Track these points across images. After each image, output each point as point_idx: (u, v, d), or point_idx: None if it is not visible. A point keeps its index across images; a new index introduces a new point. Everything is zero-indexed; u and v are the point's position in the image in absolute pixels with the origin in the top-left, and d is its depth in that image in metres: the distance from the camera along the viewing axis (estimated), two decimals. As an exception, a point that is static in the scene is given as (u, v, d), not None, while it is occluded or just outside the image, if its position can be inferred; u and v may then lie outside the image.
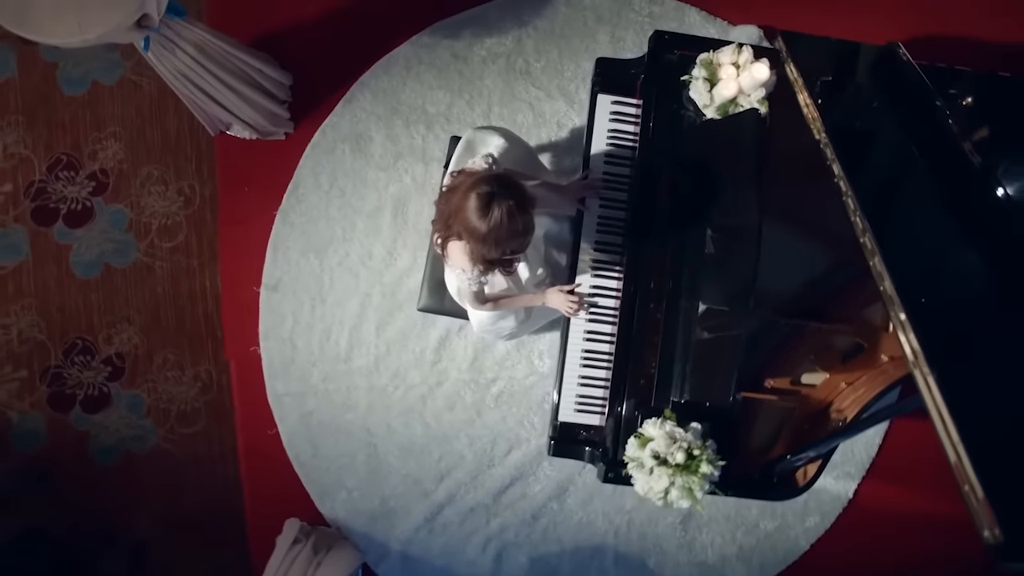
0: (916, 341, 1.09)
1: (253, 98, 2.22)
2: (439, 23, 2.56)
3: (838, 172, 1.37)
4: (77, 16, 1.42)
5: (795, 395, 1.65)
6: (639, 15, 2.52)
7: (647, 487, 1.39)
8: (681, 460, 1.35)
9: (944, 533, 2.37)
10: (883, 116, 1.68)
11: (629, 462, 1.44)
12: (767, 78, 1.60)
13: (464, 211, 1.29)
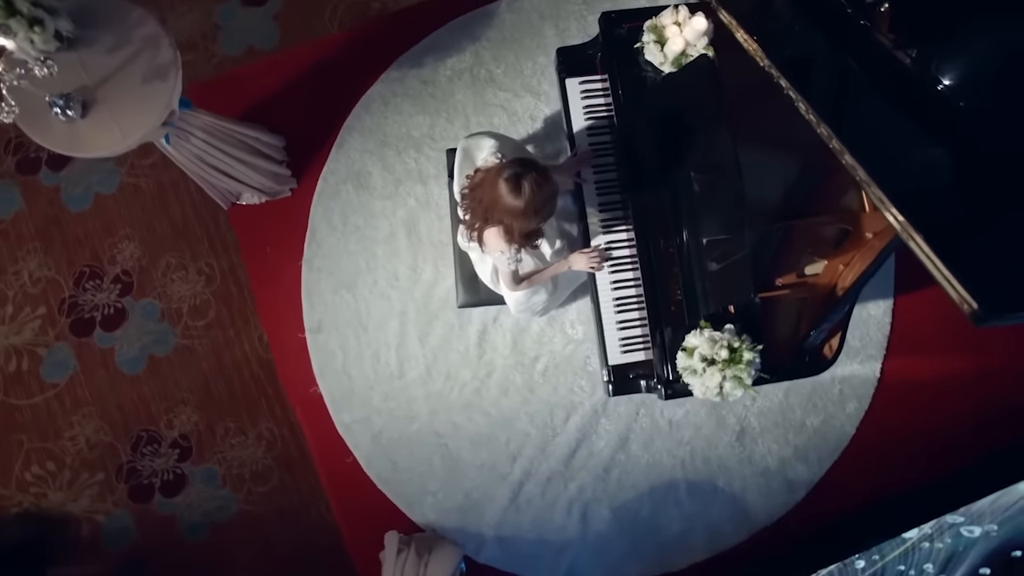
0: (900, 214, 1.28)
1: (257, 163, 2.43)
2: (402, 57, 2.81)
3: (789, 89, 1.61)
4: (119, 127, 1.63)
5: (804, 286, 1.88)
6: (576, 5, 2.79)
7: (703, 388, 1.60)
8: (726, 355, 1.57)
9: (967, 387, 2.61)
10: (814, 36, 1.93)
11: (683, 372, 1.66)
12: (706, 27, 1.85)
13: (500, 198, 1.51)
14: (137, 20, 1.67)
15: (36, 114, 1.61)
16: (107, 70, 1.64)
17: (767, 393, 2.59)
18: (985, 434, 2.58)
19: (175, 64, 1.68)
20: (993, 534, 2.01)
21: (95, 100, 1.64)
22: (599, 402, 2.57)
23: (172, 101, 1.68)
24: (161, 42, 1.67)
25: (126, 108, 1.66)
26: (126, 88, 1.65)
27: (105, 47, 1.65)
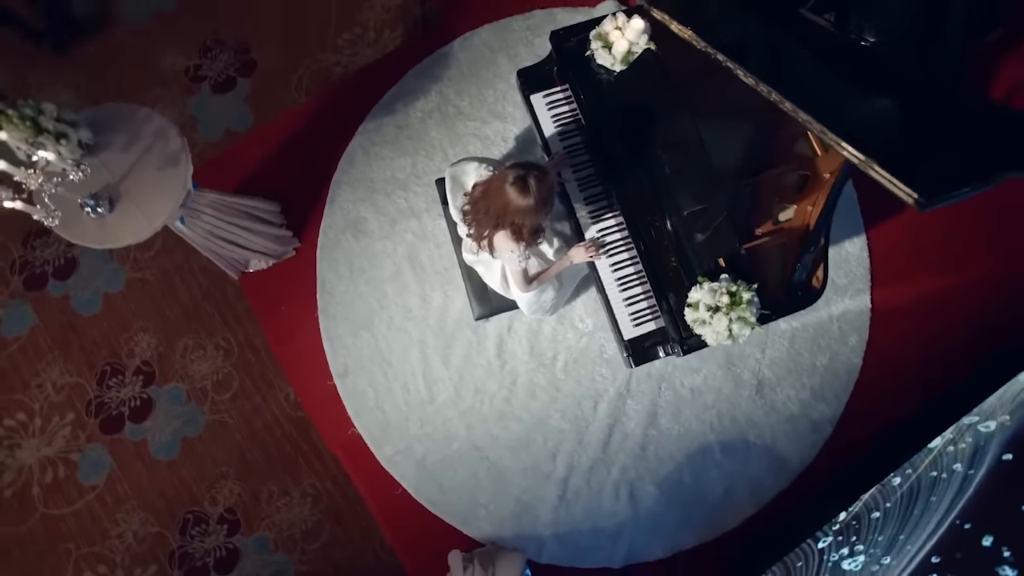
0: (854, 150, 1.47)
1: (260, 229, 2.59)
2: (373, 109, 3.03)
3: (728, 62, 1.83)
4: (144, 215, 1.79)
5: (781, 232, 2.07)
6: (521, 32, 3.06)
7: (715, 334, 1.77)
8: (727, 300, 1.74)
9: (955, 299, 2.80)
10: (742, 16, 2.17)
11: (693, 325, 1.82)
12: (644, 26, 2.09)
13: (510, 200, 1.69)
14: (144, 118, 1.85)
15: (69, 218, 1.76)
16: (126, 166, 1.81)
17: (774, 343, 2.76)
18: (981, 338, 2.76)
19: (184, 150, 1.86)
20: (1007, 423, 2.16)
21: (119, 195, 1.81)
22: (622, 385, 2.70)
23: (187, 183, 1.85)
24: (169, 133, 1.85)
25: (148, 196, 1.82)
26: (145, 179, 1.82)
27: (120, 146, 1.82)
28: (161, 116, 1.86)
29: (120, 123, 1.84)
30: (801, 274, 1.91)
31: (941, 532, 1.94)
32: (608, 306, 2.21)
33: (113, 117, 1.84)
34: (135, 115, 1.85)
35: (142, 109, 1.86)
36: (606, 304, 2.21)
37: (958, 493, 2.03)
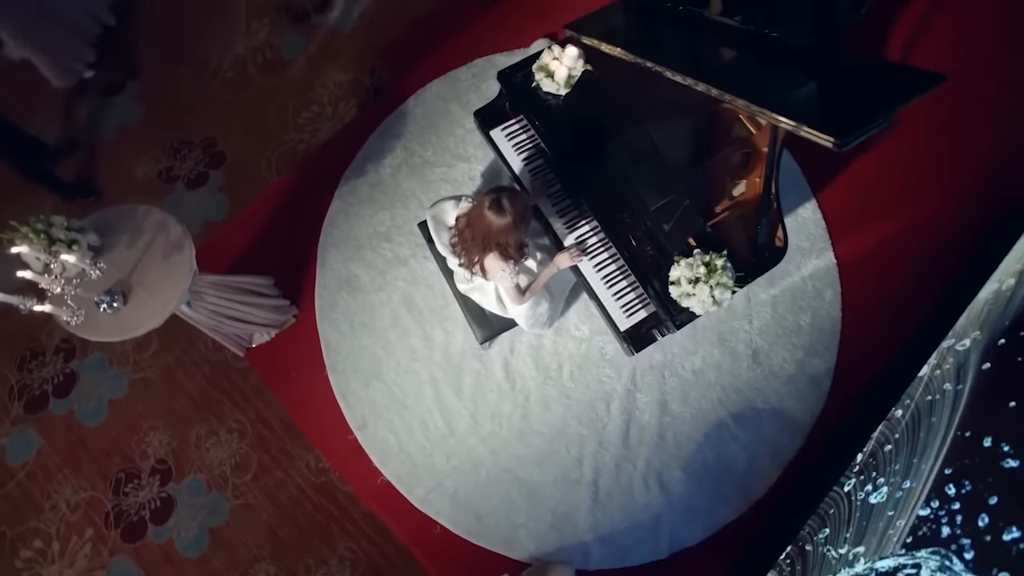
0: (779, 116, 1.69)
1: (259, 302, 2.71)
2: (345, 173, 3.23)
3: (659, 68, 2.08)
4: (157, 301, 1.90)
5: (738, 205, 2.29)
6: (467, 81, 3.34)
7: (701, 303, 1.94)
8: (704, 270, 1.92)
9: (910, 238, 3.03)
10: (661, 29, 2.46)
11: (680, 299, 1.99)
12: (578, 52, 2.35)
13: (491, 223, 1.85)
14: (143, 214, 1.99)
15: (87, 318, 1.86)
16: (133, 260, 1.93)
17: (759, 313, 2.93)
18: (938, 263, 2.97)
19: (186, 235, 1.99)
20: (979, 338, 2.35)
21: (131, 287, 1.92)
22: (628, 381, 2.83)
23: (193, 264, 1.98)
24: (169, 223, 1.99)
25: (159, 283, 1.93)
26: (153, 268, 1.94)
27: (125, 244, 1.95)
28: (159, 209, 2.00)
29: (121, 223, 1.97)
30: (763, 237, 2.11)
31: (947, 446, 2.08)
32: (600, 304, 2.37)
33: (114, 219, 1.98)
34: (135, 213, 1.99)
35: (140, 207, 2.00)
36: (597, 303, 2.37)
37: (953, 409, 2.19)
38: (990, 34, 3.38)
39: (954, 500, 1.87)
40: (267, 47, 3.80)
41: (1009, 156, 3.15)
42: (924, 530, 1.90)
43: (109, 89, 3.76)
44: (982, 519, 1.72)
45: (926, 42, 3.40)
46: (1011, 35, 3.37)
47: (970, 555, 1.67)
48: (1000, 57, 3.34)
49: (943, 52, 3.34)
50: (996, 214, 3.00)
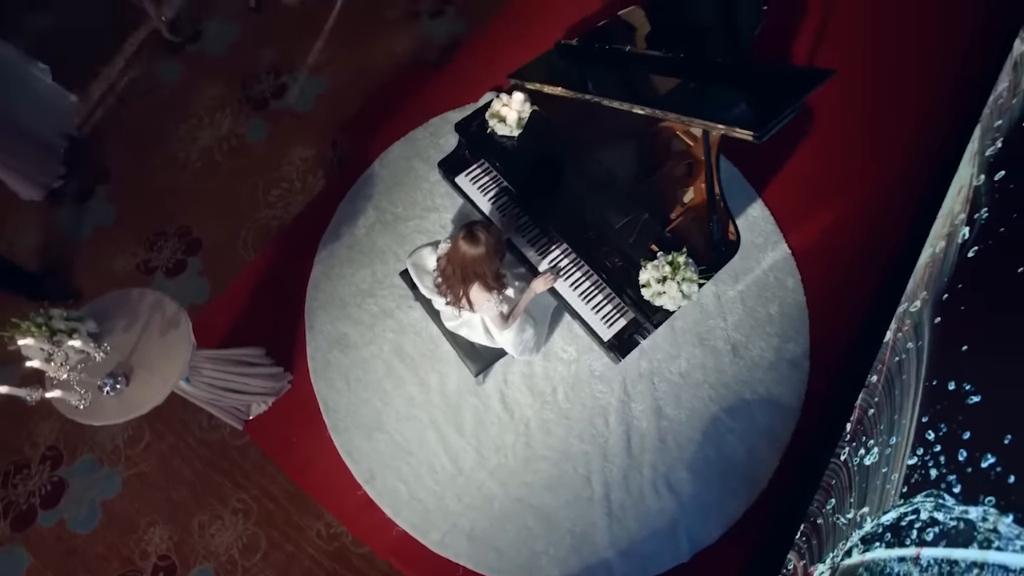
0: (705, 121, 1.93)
1: (254, 372, 2.77)
2: (322, 239, 3.37)
3: (598, 100, 2.32)
4: (159, 378, 1.96)
5: (690, 210, 2.50)
6: (425, 139, 3.59)
7: (672, 300, 2.11)
8: (669, 269, 2.10)
9: (848, 215, 3.30)
10: (591, 66, 2.74)
11: (653, 299, 2.15)
12: (524, 97, 2.61)
13: (467, 255, 2.00)
14: (138, 297, 2.08)
15: (90, 407, 1.90)
16: (132, 342, 2.00)
17: (731, 309, 3.11)
18: (882, 235, 3.23)
19: (181, 312, 2.08)
20: (927, 297, 2.56)
21: (132, 368, 1.98)
22: (621, 393, 2.94)
23: (191, 338, 2.06)
24: (164, 302, 2.08)
25: (159, 361, 2.00)
26: (152, 347, 2.01)
27: (123, 327, 2.03)
28: (152, 290, 2.09)
29: (118, 308, 2.05)
30: (717, 233, 2.31)
31: (919, 398, 2.23)
32: (581, 321, 2.51)
33: (110, 305, 2.06)
34: (129, 297, 2.08)
35: (134, 290, 2.09)
36: (579, 320, 2.51)
37: (918, 364, 2.36)
38: (888, 34, 3.84)
39: (934, 444, 2.01)
40: (232, 135, 4.00)
41: (923, 135, 3.51)
42: (915, 477, 2.02)
43: (81, 195, 3.88)
44: (960, 454, 1.85)
45: (829, 45, 3.82)
46: (909, 33, 3.83)
47: (958, 488, 1.79)
48: (900, 53, 3.77)
49: (844, 51, 3.76)
50: (922, 185, 3.31)
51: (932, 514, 1.87)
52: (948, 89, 3.63)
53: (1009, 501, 1.59)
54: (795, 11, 4.02)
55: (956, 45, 3.76)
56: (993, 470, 1.71)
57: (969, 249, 2.47)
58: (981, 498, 1.69)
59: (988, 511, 1.65)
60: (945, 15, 3.89)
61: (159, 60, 4.31)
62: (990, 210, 2.48)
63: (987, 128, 2.95)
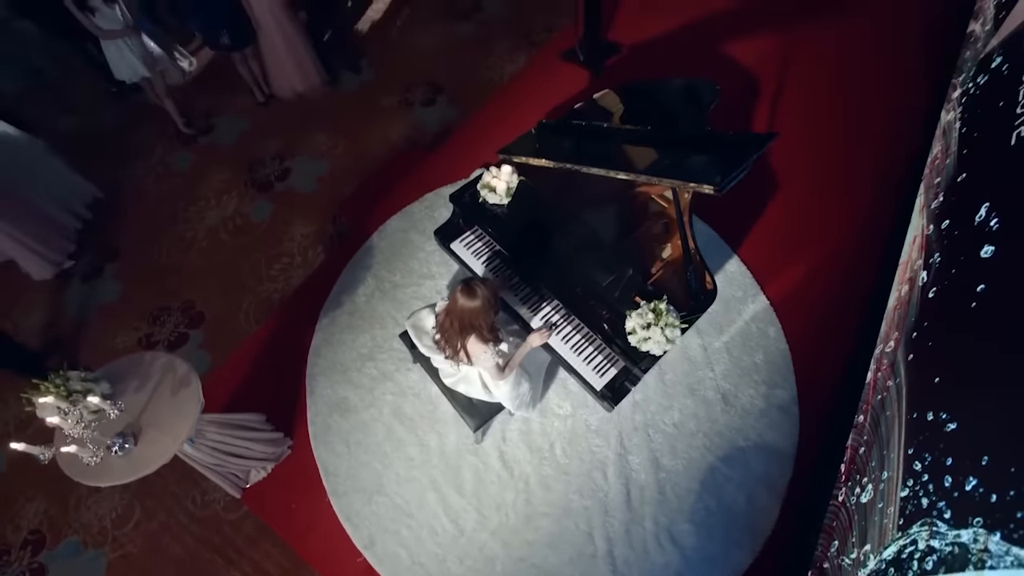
0: (673, 180, 2.17)
1: (256, 436, 2.80)
2: (323, 307, 3.51)
3: (579, 168, 2.59)
4: (168, 436, 2.02)
5: (669, 264, 2.70)
6: (421, 212, 3.85)
7: (657, 344, 2.24)
8: (652, 316, 2.25)
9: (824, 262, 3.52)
10: (571, 139, 3.04)
11: (639, 346, 2.28)
12: (511, 169, 2.88)
13: (465, 308, 2.14)
14: (150, 359, 2.18)
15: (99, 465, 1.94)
16: (143, 401, 2.07)
17: (718, 359, 3.24)
18: (855, 280, 3.43)
19: (192, 372, 2.17)
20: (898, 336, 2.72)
21: (141, 428, 2.04)
22: (617, 446, 2.98)
23: (200, 397, 2.13)
24: (175, 363, 2.18)
25: (168, 420, 2.06)
26: (162, 406, 2.08)
27: (134, 388, 2.10)
28: (165, 353, 2.19)
29: (130, 371, 2.14)
30: (695, 283, 2.49)
31: (904, 431, 2.32)
32: (574, 373, 2.62)
33: (124, 367, 2.15)
34: (142, 360, 2.17)
35: (147, 353, 2.19)
36: (572, 372, 2.62)
37: (899, 399, 2.47)
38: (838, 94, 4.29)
39: (922, 474, 2.08)
40: (237, 215, 4.26)
41: (878, 192, 3.83)
42: (909, 508, 2.07)
43: (89, 274, 4.04)
44: (946, 481, 1.92)
45: (791, 111, 4.25)
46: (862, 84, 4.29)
47: (948, 514, 1.85)
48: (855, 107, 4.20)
49: (807, 117, 4.18)
50: (883, 236, 3.57)
51: (929, 542, 1.91)
52: (894, 153, 4.02)
53: (995, 519, 1.66)
54: (762, 81, 4.51)
55: (896, 116, 4.21)
56: (976, 492, 1.78)
57: (929, 291, 2.66)
58: (970, 520, 1.75)
59: (978, 532, 1.71)
60: (882, 95, 4.38)
61: (173, 151, 4.66)
62: (941, 255, 2.70)
63: (929, 185, 3.27)
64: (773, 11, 5.08)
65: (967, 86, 3.41)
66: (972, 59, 3.61)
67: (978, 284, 2.25)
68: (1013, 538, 1.57)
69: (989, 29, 3.53)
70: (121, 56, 4.02)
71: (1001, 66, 3.04)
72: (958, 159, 3.05)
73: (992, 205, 2.44)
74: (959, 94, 3.51)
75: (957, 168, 3.00)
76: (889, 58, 4.62)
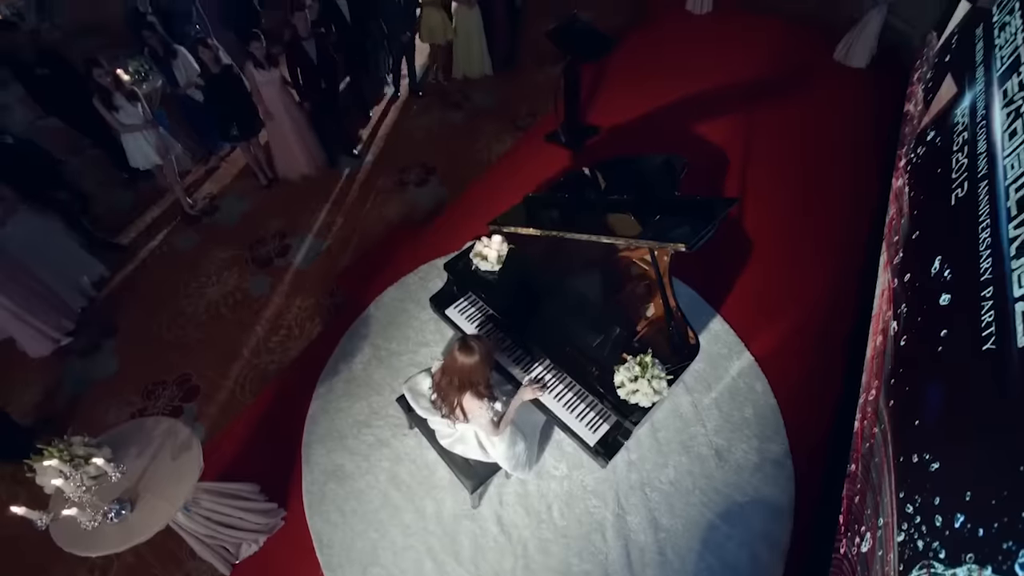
0: (648, 242, 2.38)
1: (249, 507, 2.76)
2: (321, 375, 3.57)
3: (565, 235, 2.79)
4: (165, 501, 2.02)
5: (652, 322, 2.85)
6: (416, 283, 4.01)
7: (645, 396, 2.33)
8: (639, 369, 2.36)
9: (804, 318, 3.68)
10: (557, 209, 3.28)
11: (628, 399, 2.37)
12: (501, 238, 3.09)
13: (463, 365, 2.24)
14: (152, 425, 2.22)
15: (91, 535, 1.93)
16: (142, 467, 2.09)
17: (709, 416, 3.30)
18: (833, 333, 3.58)
19: (193, 437, 2.21)
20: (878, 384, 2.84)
21: (138, 494, 2.04)
22: (615, 506, 2.96)
23: (200, 461, 2.16)
24: (177, 428, 2.22)
25: (167, 484, 2.07)
26: (162, 471, 2.10)
27: (135, 453, 2.13)
28: (167, 418, 2.24)
29: (131, 437, 2.17)
30: (677, 339, 2.63)
31: (894, 476, 2.37)
32: (568, 430, 2.67)
33: (126, 433, 2.18)
34: (144, 425, 2.21)
35: (150, 419, 2.23)
36: (566, 429, 2.68)
37: (885, 445, 2.54)
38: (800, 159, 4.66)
39: (914, 516, 2.11)
40: (237, 290, 4.40)
41: (846, 252, 4.09)
42: (907, 552, 2.08)
43: (87, 350, 4.09)
44: (937, 520, 1.97)
45: (762, 181, 4.59)
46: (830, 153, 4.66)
47: (943, 554, 1.88)
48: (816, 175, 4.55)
49: (776, 186, 4.51)
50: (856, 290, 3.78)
51: (927, 584, 1.91)
52: (857, 215, 4.33)
53: (984, 554, 1.71)
54: (730, 154, 4.90)
55: (855, 182, 4.58)
56: (964, 528, 1.83)
57: (900, 339, 2.82)
58: (963, 557, 1.79)
59: (972, 568, 1.75)
60: (841, 164, 4.79)
61: (178, 232, 4.88)
62: (907, 305, 2.89)
63: (890, 243, 3.52)
64: (736, 94, 5.63)
65: (910, 156, 3.78)
66: (911, 134, 4.02)
67: (941, 329, 2.41)
68: (1003, 570, 1.62)
69: (921, 109, 3.96)
70: (138, 146, 4.33)
71: (935, 139, 3.40)
72: (911, 219, 3.33)
73: (944, 258, 2.66)
74: (904, 163, 3.87)
75: (911, 227, 3.26)
76: (847, 131, 5.10)
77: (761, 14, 6.94)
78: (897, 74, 5.51)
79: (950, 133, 3.21)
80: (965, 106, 3.15)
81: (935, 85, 3.84)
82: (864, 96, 5.52)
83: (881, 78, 5.70)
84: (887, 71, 5.74)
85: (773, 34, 6.56)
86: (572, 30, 4.61)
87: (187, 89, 4.75)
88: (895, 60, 5.75)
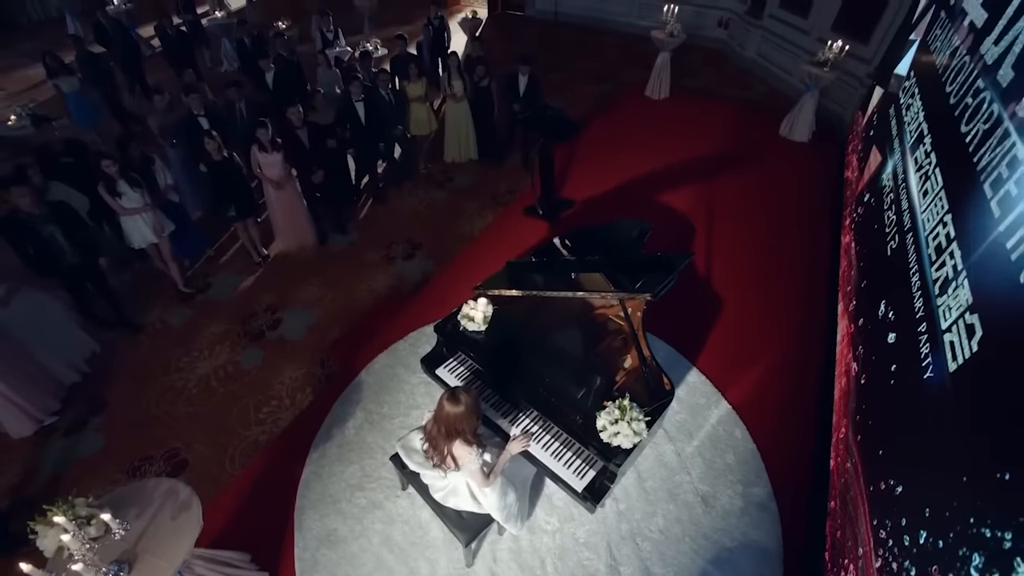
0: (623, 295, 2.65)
1: (240, 574, 2.73)
2: (314, 442, 3.61)
3: (546, 294, 3.05)
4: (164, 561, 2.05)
5: (630, 372, 3.05)
6: (406, 349, 4.17)
7: (626, 438, 2.49)
8: (619, 413, 2.54)
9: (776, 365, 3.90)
10: (536, 273, 3.56)
11: (610, 441, 2.52)
12: (486, 300, 3.32)
13: (451, 414, 2.37)
14: (153, 486, 2.28)
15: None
16: (142, 527, 2.13)
17: (692, 464, 3.42)
18: (805, 371, 3.79)
19: (194, 496, 2.27)
20: (846, 422, 3.03)
21: (136, 555, 2.07)
22: (608, 557, 3.00)
23: (200, 519, 2.20)
24: (178, 488, 2.28)
25: (166, 544, 2.10)
26: (161, 531, 2.13)
27: (135, 514, 2.17)
28: (168, 479, 2.30)
29: (132, 498, 2.22)
30: (653, 385, 2.83)
31: (866, 506, 2.50)
32: (557, 479, 2.77)
33: (126, 495, 2.23)
34: (145, 486, 2.26)
35: (150, 480, 2.29)
36: (554, 478, 2.78)
37: (857, 478, 2.69)
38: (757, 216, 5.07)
39: (886, 540, 2.24)
40: (228, 363, 4.48)
41: (806, 305, 4.40)
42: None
43: (72, 428, 4.06)
44: (905, 540, 2.10)
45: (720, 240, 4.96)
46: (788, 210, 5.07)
47: (913, 571, 2.00)
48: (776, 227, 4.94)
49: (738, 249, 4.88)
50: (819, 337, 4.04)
51: (903, 605, 2.01)
52: (815, 268, 4.70)
53: (945, 564, 1.85)
54: (695, 219, 5.31)
55: (808, 241, 5.00)
56: (928, 542, 1.97)
57: (860, 378, 3.05)
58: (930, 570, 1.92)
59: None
60: (795, 225, 5.25)
61: (171, 308, 5.01)
62: (863, 347, 3.15)
63: (844, 293, 3.85)
64: (696, 167, 6.20)
65: (853, 215, 4.21)
66: (851, 196, 4.50)
67: (891, 364, 2.66)
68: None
69: (857, 175, 4.47)
70: (136, 227, 4.57)
71: (870, 200, 3.84)
72: (859, 270, 3.68)
73: (887, 302, 2.96)
74: (848, 222, 4.30)
75: (859, 277, 3.61)
76: (800, 196, 5.61)
77: (713, 99, 7.77)
78: (835, 146, 6.17)
79: (880, 195, 3.65)
80: (888, 172, 3.61)
81: (865, 155, 4.36)
82: (810, 166, 6.14)
83: (823, 150, 6.37)
84: (827, 144, 6.42)
85: (726, 116, 7.33)
86: (544, 116, 5.15)
87: (166, 195, 4.82)
88: (832, 135, 6.46)
